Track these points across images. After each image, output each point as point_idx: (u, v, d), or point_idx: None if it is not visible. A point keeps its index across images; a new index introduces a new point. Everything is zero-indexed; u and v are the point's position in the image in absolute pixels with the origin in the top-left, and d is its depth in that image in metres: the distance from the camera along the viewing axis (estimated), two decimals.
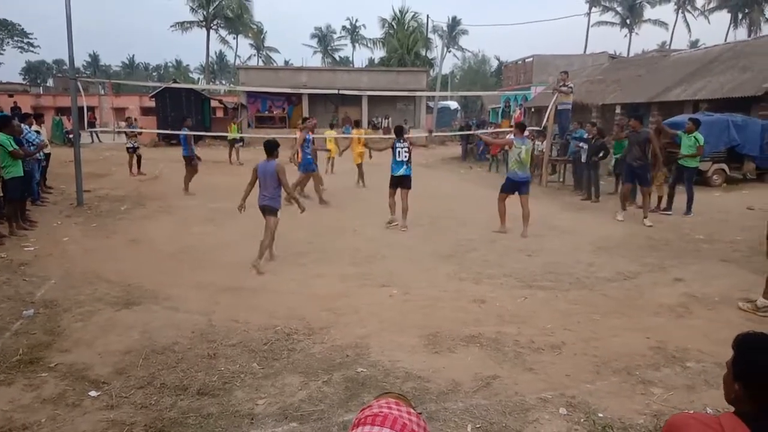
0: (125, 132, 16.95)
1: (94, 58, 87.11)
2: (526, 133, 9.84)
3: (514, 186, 9.01)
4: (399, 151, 9.40)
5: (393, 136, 9.72)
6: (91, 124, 29.02)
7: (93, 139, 30.11)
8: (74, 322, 5.12)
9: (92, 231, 9.13)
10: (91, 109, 33.74)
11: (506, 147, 9.47)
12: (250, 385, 3.97)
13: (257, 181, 7.29)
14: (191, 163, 13.05)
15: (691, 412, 1.68)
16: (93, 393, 3.84)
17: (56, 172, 14.05)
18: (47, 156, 12.36)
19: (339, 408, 3.64)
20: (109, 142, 29.19)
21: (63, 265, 6.99)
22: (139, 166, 16.61)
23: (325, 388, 3.90)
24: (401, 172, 9.38)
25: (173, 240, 8.54)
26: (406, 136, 9.71)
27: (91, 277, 6.51)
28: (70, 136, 19.06)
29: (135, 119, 19.69)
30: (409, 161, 9.48)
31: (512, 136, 9.31)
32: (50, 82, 68.14)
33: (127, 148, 16.46)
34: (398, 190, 9.48)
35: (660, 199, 10.92)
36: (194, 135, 13.03)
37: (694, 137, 10.39)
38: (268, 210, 7.34)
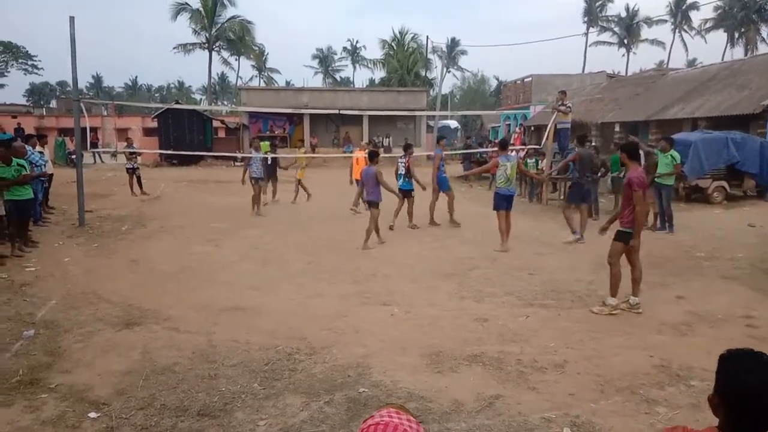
0: (124, 153, 17.06)
1: (98, 79, 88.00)
2: (512, 153, 10.44)
3: (505, 200, 9.20)
4: (398, 166, 11.14)
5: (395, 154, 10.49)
6: (94, 145, 29.19)
7: (96, 160, 30.29)
8: (74, 343, 5.10)
9: (93, 251, 9.14)
10: (93, 130, 33.98)
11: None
12: (251, 406, 3.94)
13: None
14: (259, 183, 13.07)
15: (681, 426, 1.69)
16: (93, 414, 3.81)
17: (58, 192, 14.11)
18: (50, 177, 12.42)
19: (341, 429, 3.61)
20: (111, 163, 29.34)
21: (64, 286, 6.98)
22: (140, 186, 16.68)
23: (326, 409, 3.87)
24: (400, 185, 10.87)
25: (174, 260, 8.54)
26: (409, 153, 11.06)
27: (91, 297, 6.50)
28: (73, 156, 19.19)
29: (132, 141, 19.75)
30: (406, 176, 10.80)
31: (501, 156, 9.59)
32: (53, 104, 68.79)
33: (127, 169, 16.57)
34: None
35: (656, 216, 10.93)
36: (262, 156, 13.28)
37: (671, 155, 10.45)
38: (372, 203, 9.42)
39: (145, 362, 4.67)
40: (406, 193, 10.98)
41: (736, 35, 50.38)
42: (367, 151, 10.98)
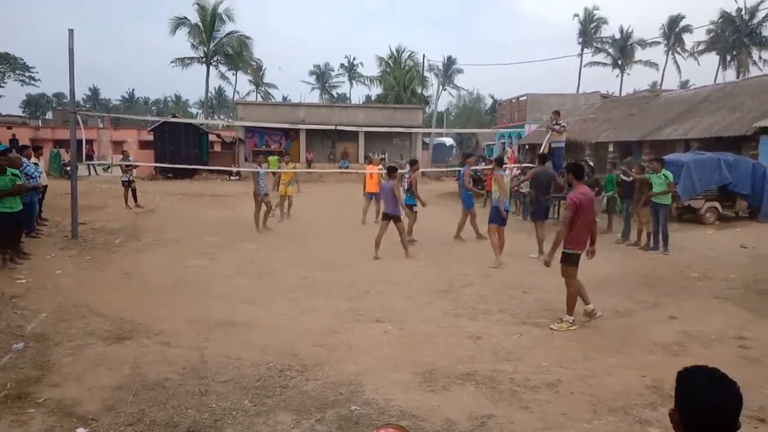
0: (119, 165, 17.02)
1: (94, 91, 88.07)
2: (507, 171, 10.98)
3: (500, 216, 9.37)
4: (403, 182, 11.69)
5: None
6: (89, 157, 29.13)
7: (90, 172, 30.22)
8: (64, 357, 5.04)
9: (86, 264, 9.09)
10: (89, 142, 33.94)
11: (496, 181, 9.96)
12: (241, 423, 3.90)
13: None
14: (264, 199, 12.90)
15: None
16: (81, 430, 3.76)
17: (52, 204, 14.04)
18: (44, 188, 12.38)
19: None
20: (106, 175, 29.28)
21: (55, 298, 6.92)
22: (135, 199, 16.64)
23: (318, 427, 3.84)
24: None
25: (167, 273, 8.49)
26: (407, 170, 11.68)
27: (83, 310, 6.44)
28: (67, 168, 19.13)
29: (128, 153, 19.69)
30: (407, 191, 11.39)
31: (497, 171, 9.95)
32: (50, 115, 68.75)
33: (123, 182, 16.54)
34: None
35: (649, 236, 10.99)
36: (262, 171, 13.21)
37: (664, 175, 10.55)
38: (392, 217, 9.83)
39: (135, 377, 4.62)
40: (408, 208, 11.31)
41: (728, 58, 51.05)
42: (381, 166, 11.92)
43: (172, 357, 5.08)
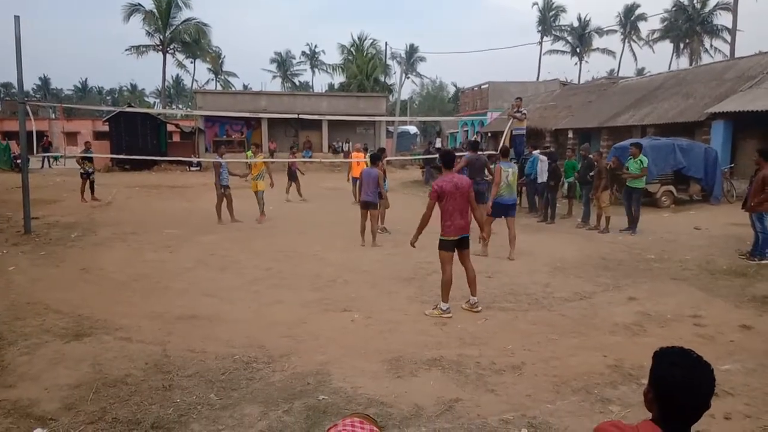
0: (76, 158, 16.45)
1: (45, 81, 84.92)
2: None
3: (502, 209, 9.09)
4: None
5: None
6: (46, 149, 28.05)
7: (43, 164, 29.16)
8: (19, 356, 4.86)
9: (40, 260, 8.77)
10: (45, 134, 32.74)
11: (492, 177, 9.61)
12: (207, 417, 3.84)
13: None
14: (226, 192, 12.43)
15: (615, 420, 1.79)
16: (39, 430, 3.63)
17: (2, 198, 13.51)
18: None
19: None
20: (59, 168, 28.31)
21: (8, 296, 6.66)
22: (92, 192, 16.13)
23: (285, 418, 3.81)
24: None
25: (126, 268, 8.28)
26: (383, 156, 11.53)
27: (38, 307, 6.22)
28: (18, 161, 18.40)
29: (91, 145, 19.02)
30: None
31: (499, 162, 9.39)
32: None
33: (81, 174, 15.98)
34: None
35: (608, 219, 11.28)
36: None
37: (640, 160, 10.95)
38: (370, 204, 9.82)
39: (96, 374, 4.49)
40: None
41: (682, 46, 52.61)
42: (368, 154, 12.18)
43: (133, 353, 4.95)
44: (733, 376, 4.41)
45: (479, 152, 10.97)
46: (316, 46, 71.60)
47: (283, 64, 72.99)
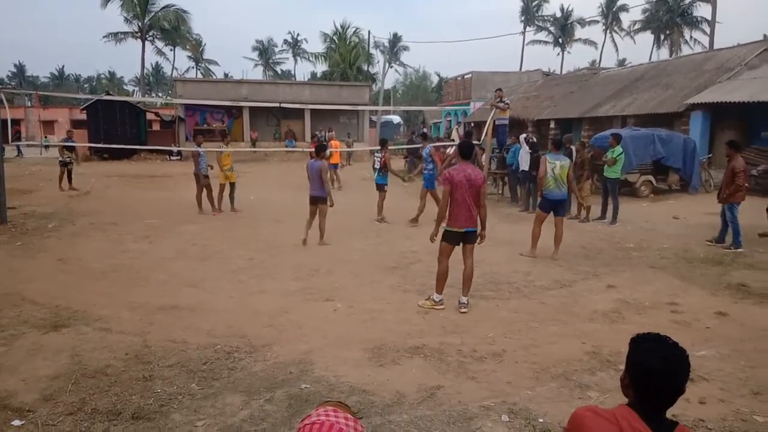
0: (57, 146, 16.17)
1: (20, 68, 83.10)
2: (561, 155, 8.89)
3: (551, 205, 8.48)
4: (374, 161, 11.88)
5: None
6: (16, 138, 27.48)
7: (19, 153, 28.61)
8: None
9: (17, 250, 8.62)
10: (17, 122, 32.00)
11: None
12: (188, 406, 3.82)
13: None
14: (205, 181, 12.20)
15: (592, 405, 1.82)
16: (16, 422, 3.59)
17: None
18: None
19: (282, 426, 3.56)
20: (35, 156, 27.79)
21: None
22: (70, 181, 15.86)
23: (267, 407, 3.81)
24: (375, 178, 11.68)
25: (105, 258, 8.17)
26: (385, 148, 11.50)
27: (15, 298, 6.12)
28: None
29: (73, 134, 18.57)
30: (382, 170, 11.31)
31: (546, 154, 8.95)
32: None
33: (60, 162, 15.70)
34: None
35: (588, 209, 11.42)
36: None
37: (614, 150, 11.10)
38: (319, 199, 9.04)
39: (75, 365, 4.44)
40: (379, 187, 11.40)
41: (662, 37, 53.08)
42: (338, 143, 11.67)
43: (113, 343, 4.90)
44: (708, 361, 4.51)
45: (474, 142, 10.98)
46: (298, 35, 70.82)
47: (264, 52, 72.18)
